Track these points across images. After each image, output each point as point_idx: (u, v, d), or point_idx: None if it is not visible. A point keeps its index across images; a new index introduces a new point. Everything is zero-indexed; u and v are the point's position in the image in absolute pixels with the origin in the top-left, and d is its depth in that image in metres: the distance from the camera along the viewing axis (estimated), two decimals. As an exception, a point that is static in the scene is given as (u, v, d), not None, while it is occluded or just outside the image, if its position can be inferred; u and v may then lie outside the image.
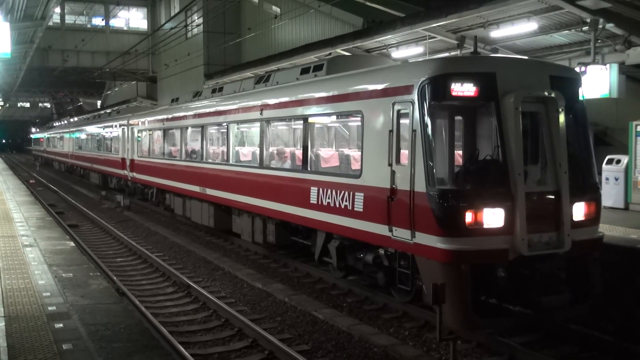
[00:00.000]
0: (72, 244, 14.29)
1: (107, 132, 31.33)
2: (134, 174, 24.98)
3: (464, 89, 8.48)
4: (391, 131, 9.24)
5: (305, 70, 13.18)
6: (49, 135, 60.61)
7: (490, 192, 8.38)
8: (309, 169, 11.96)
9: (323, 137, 14.06)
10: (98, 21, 47.64)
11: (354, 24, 23.36)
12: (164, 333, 9.18)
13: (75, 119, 53.91)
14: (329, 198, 10.93)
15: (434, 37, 17.41)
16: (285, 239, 13.76)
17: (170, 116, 20.71)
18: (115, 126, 28.68)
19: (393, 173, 9.17)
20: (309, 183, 11.64)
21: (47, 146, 61.78)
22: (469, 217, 8.17)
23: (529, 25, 15.18)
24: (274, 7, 30.34)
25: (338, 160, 12.50)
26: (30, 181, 38.99)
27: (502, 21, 15.56)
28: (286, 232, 13.62)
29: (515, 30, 15.65)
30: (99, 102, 64.72)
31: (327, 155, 12.84)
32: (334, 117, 12.51)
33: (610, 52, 15.07)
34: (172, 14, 40.57)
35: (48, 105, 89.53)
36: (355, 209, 10.14)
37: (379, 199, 9.46)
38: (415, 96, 8.73)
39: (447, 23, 16.20)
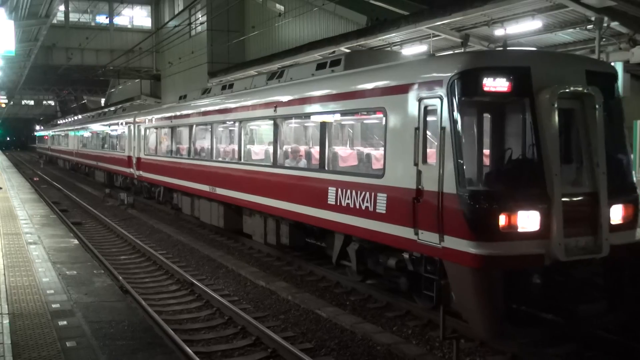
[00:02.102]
0: (76, 241, 14.34)
1: (112, 130, 30.97)
2: (141, 173, 24.59)
3: (497, 84, 8.03)
4: (417, 129, 8.75)
5: (321, 66, 12.68)
6: (53, 133, 60.29)
7: (525, 193, 7.94)
8: (326, 168, 11.50)
9: (341, 135, 13.52)
10: (102, 19, 47.70)
11: (358, 22, 23.35)
12: (168, 331, 9.20)
13: (80, 116, 53.28)
14: (348, 199, 10.44)
15: (438, 36, 17.38)
16: (299, 241, 13.28)
17: (178, 113, 20.26)
18: (121, 124, 28.34)
19: (419, 173, 8.68)
20: (327, 183, 11.16)
21: (51, 144, 61.57)
22: (502, 220, 7.71)
23: (533, 24, 15.14)
24: (277, 5, 30.34)
25: (358, 160, 11.96)
26: (35, 179, 39.08)
27: (507, 19, 15.52)
28: (300, 234, 13.14)
29: (520, 29, 15.60)
30: (102, 100, 64.82)
31: (346, 154, 12.29)
32: (353, 114, 11.99)
33: (614, 51, 15.02)
34: (176, 12, 40.59)
35: (52, 103, 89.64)
36: (377, 210, 9.66)
37: (403, 201, 8.97)
38: (444, 92, 8.28)
39: (451, 21, 16.17)
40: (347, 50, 19.57)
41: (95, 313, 8.29)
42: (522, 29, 15.61)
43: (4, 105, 55.53)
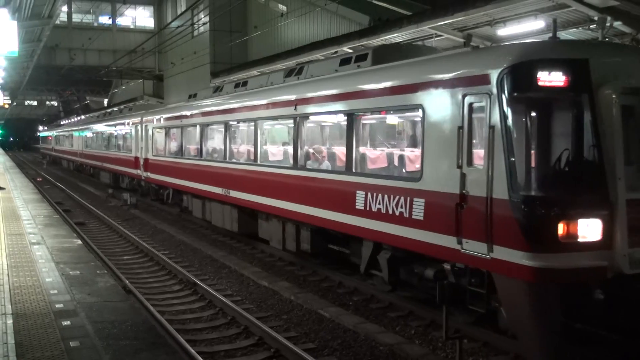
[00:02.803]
0: (79, 241, 14.37)
1: (118, 130, 30.42)
2: (148, 174, 23.94)
3: (552, 79, 7.35)
4: (461, 128, 8.08)
5: (345, 61, 11.98)
6: (57, 133, 59.74)
7: (586, 199, 7.28)
8: (354, 170, 10.75)
9: (371, 134, 12.70)
10: (105, 20, 47.75)
11: (360, 22, 23.32)
12: (171, 331, 9.21)
13: (85, 116, 52.85)
14: (379, 203, 9.69)
15: (440, 36, 17.37)
16: (321, 247, 12.54)
17: (188, 113, 19.51)
18: (128, 124, 27.73)
19: (464, 176, 8.01)
20: (355, 186, 10.42)
21: (55, 144, 61.07)
22: (561, 229, 7.07)
23: (536, 24, 15.10)
24: (280, 6, 30.35)
25: (390, 162, 11.10)
26: (38, 179, 39.13)
27: (509, 19, 15.49)
28: (322, 240, 12.40)
29: (522, 29, 15.57)
30: (105, 101, 64.90)
31: (376, 155, 11.40)
32: (384, 112, 11.08)
33: (618, 50, 14.98)
34: (179, 12, 40.61)
35: (55, 103, 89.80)
36: (413, 216, 8.94)
37: (444, 206, 8.28)
38: (493, 87, 7.62)
39: (454, 21, 16.14)
40: (350, 50, 19.57)
41: (98, 313, 8.30)
42: (525, 29, 15.59)
43: (7, 106, 55.61)
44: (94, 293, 9.39)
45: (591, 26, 14.48)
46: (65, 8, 41.63)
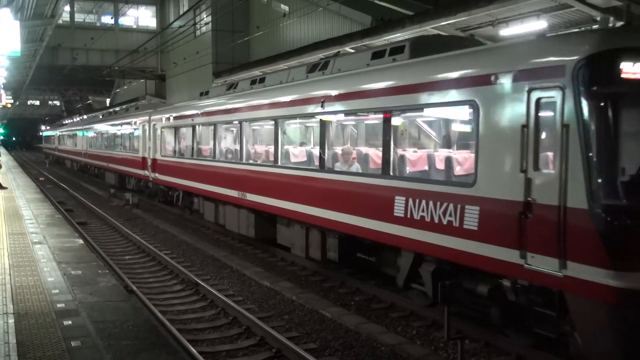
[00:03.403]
0: (81, 241, 14.39)
1: (125, 130, 29.51)
2: (157, 175, 23.03)
3: (638, 70, 6.51)
4: (525, 126, 7.20)
5: (378, 54, 11.01)
6: (61, 133, 58.83)
7: None
8: (391, 173, 9.79)
9: (412, 134, 11.75)
10: (107, 19, 47.82)
11: (363, 22, 23.32)
12: (172, 331, 9.21)
13: (90, 115, 52.21)
14: (422, 211, 8.78)
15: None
16: (350, 256, 11.58)
17: (200, 111, 18.51)
18: (135, 123, 26.83)
19: (529, 182, 7.13)
20: (393, 191, 9.52)
21: (58, 144, 60.22)
22: None
23: (538, 24, 15.07)
24: (282, 6, 30.36)
25: (435, 164, 10.07)
26: (40, 179, 39.19)
27: (512, 19, 15.47)
28: (351, 248, 11.49)
29: (525, 29, 15.53)
30: (108, 100, 65.00)
31: (417, 157, 10.36)
32: (428, 109, 9.80)
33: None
34: (181, 12, 40.65)
35: (58, 103, 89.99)
36: (464, 226, 8.03)
37: (504, 216, 7.39)
38: (567, 80, 6.72)
39: (456, 21, 16.14)
40: (352, 51, 19.57)
41: (100, 313, 8.30)
42: (527, 29, 15.57)
43: (9, 106, 55.64)
44: (95, 293, 9.40)
45: (594, 26, 14.47)
46: (67, 8, 41.67)
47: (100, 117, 43.75)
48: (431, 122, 11.43)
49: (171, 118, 21.44)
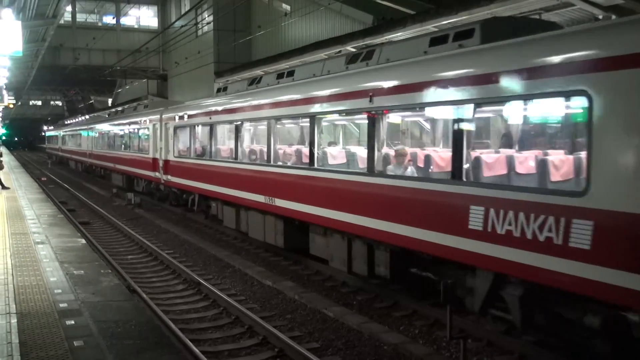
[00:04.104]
0: (84, 241, 14.40)
1: (133, 129, 28.11)
2: (169, 177, 21.52)
3: None
4: None
5: (438, 40, 9.64)
6: (64, 133, 56.52)
7: None
8: (464, 179, 8.30)
9: (493, 132, 10.33)
10: (109, 19, 47.90)
11: (364, 21, 23.33)
12: (175, 330, 9.21)
13: (96, 114, 50.73)
14: (509, 224, 7.37)
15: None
16: (402, 272, 10.26)
17: (219, 109, 16.89)
18: (145, 122, 25.32)
19: None
20: (468, 200, 8.04)
21: (62, 144, 58.41)
22: None
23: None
24: (284, 5, 30.37)
25: (523, 168, 8.46)
26: (42, 179, 39.24)
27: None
28: (403, 263, 10.15)
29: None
30: (110, 100, 65.07)
31: (496, 159, 8.67)
32: (515, 101, 8.02)
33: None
34: (183, 12, 40.69)
35: (59, 103, 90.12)
36: (570, 244, 6.59)
37: (631, 233, 6.04)
38: None
39: (458, 20, 16.13)
40: (354, 50, 19.57)
41: (102, 312, 8.31)
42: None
43: (11, 106, 55.72)
44: (98, 292, 9.41)
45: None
46: (69, 8, 41.74)
47: (107, 116, 42.35)
48: (515, 115, 9.38)
49: (186, 116, 19.95)
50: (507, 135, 10.01)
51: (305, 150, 12.73)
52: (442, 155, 9.74)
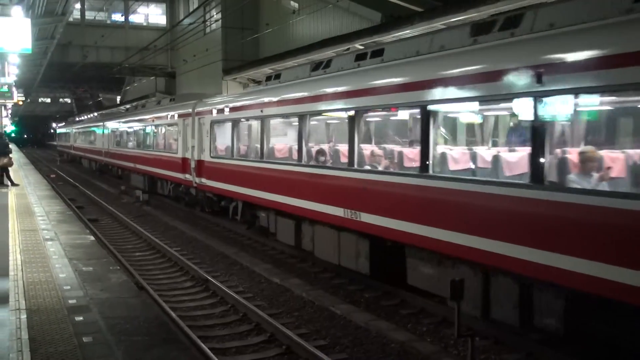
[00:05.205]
0: (92, 238, 14.48)
1: (158, 125, 25.37)
2: (203, 180, 18.77)
3: None
4: None
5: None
6: (77, 130, 53.14)
7: None
8: None
9: None
10: (117, 17, 48.04)
11: (372, 19, 23.29)
12: (183, 327, 9.25)
13: (113, 110, 48.40)
14: None
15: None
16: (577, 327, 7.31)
17: (276, 99, 13.85)
18: (172, 117, 22.58)
19: None
20: None
21: (74, 141, 54.55)
22: None
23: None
24: (292, 3, 30.35)
25: None
26: (51, 176, 39.41)
27: (522, 15, 15.39)
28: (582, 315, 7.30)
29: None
30: (118, 98, 65.26)
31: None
32: None
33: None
34: (191, 9, 40.78)
35: (68, 100, 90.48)
36: None
37: None
38: None
39: (466, 17, 16.09)
40: (361, 47, 19.54)
41: (111, 309, 8.35)
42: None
43: (21, 103, 55.93)
44: (106, 289, 9.46)
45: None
46: (78, 5, 41.87)
47: (126, 111, 38.37)
48: None
49: (227, 109, 17.00)
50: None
51: (412, 150, 10.09)
52: None
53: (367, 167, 10.88)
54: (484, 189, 8.04)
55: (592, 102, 7.57)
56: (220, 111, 17.51)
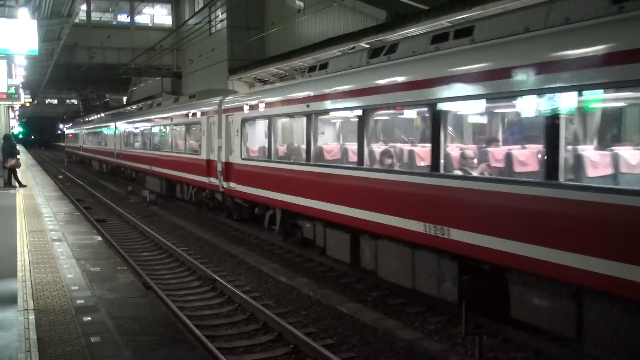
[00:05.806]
0: (100, 238, 14.50)
1: (177, 124, 23.34)
2: (232, 185, 17.03)
3: None
4: None
5: None
6: (87, 130, 50.99)
7: None
8: None
9: None
10: (123, 18, 48.20)
11: (378, 17, 23.27)
12: (190, 327, 9.26)
13: (125, 109, 47.38)
14: None
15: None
16: None
17: (326, 92, 11.92)
18: (195, 115, 20.70)
19: None
20: None
21: (83, 142, 52.74)
22: None
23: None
24: (297, 2, 30.37)
25: None
26: (59, 177, 39.55)
27: (528, 12, 15.32)
28: None
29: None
30: (125, 98, 65.46)
31: None
32: None
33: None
34: (196, 9, 40.87)
35: (75, 101, 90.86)
36: None
37: None
38: None
39: (472, 15, 16.05)
40: (367, 46, 19.51)
41: (118, 309, 8.37)
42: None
43: (28, 105, 56.19)
44: (114, 289, 9.48)
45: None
46: (84, 7, 42.02)
47: (140, 110, 36.39)
48: None
49: (261, 105, 14.94)
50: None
51: (524, 152, 8.35)
52: None
53: (457, 172, 8.96)
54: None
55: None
56: (254, 107, 15.43)
